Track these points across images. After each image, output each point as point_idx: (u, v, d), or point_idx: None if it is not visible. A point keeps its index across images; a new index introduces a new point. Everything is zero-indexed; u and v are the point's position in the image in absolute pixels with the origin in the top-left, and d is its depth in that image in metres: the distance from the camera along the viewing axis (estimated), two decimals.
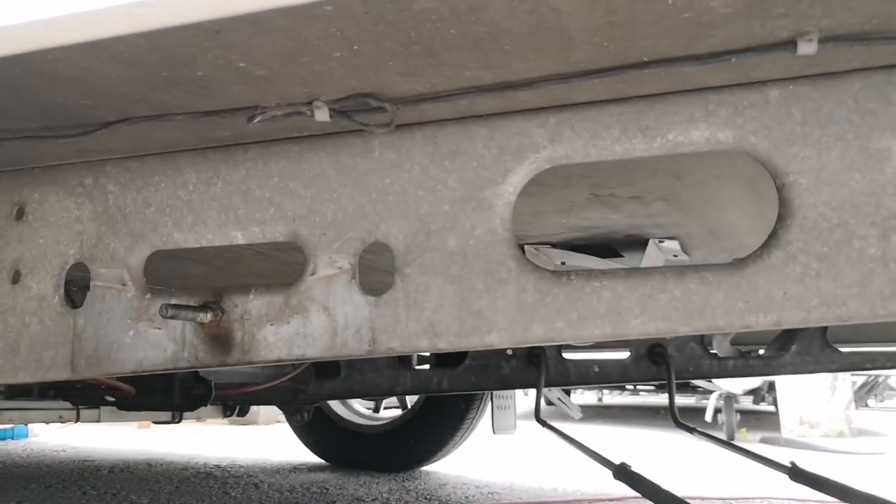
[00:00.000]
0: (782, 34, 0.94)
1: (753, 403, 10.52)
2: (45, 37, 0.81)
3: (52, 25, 0.79)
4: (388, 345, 1.22)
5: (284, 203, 1.31)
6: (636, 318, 1.12)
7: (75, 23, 0.79)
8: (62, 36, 0.81)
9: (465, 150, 1.23)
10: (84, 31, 0.80)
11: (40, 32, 0.80)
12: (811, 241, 1.06)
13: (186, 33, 0.84)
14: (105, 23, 0.77)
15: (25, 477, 3.80)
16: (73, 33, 0.80)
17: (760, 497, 3.84)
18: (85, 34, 0.80)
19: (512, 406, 4.20)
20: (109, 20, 0.76)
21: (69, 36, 0.81)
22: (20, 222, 1.47)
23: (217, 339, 1.33)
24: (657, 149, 1.14)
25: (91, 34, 0.80)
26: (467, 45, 0.96)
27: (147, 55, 0.96)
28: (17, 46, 0.82)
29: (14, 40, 0.82)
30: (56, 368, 1.41)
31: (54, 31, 0.79)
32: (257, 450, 5.56)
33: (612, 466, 2.29)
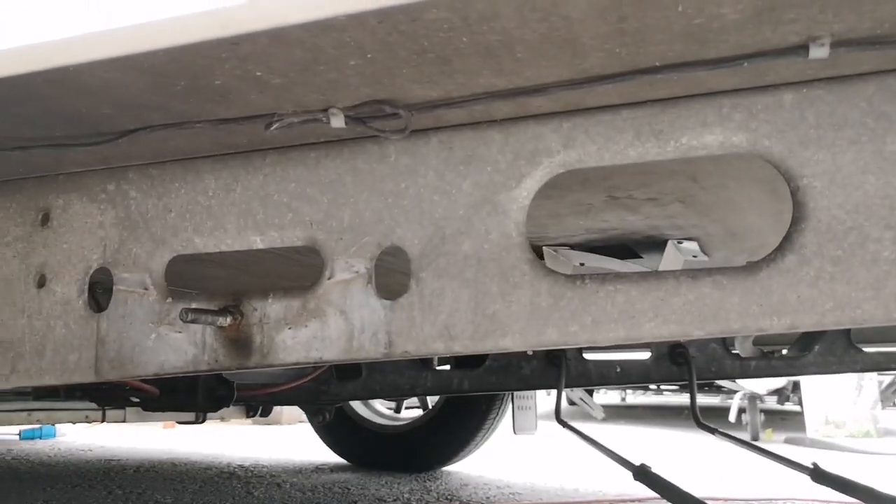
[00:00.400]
0: (794, 39, 0.94)
1: (778, 403, 10.45)
2: (70, 54, 0.83)
3: (73, 44, 0.81)
4: (404, 348, 1.24)
5: (302, 208, 1.33)
6: (650, 321, 1.12)
7: (99, 41, 0.81)
8: (86, 53, 0.83)
9: (479, 155, 1.24)
10: (107, 49, 0.82)
11: (66, 50, 0.82)
12: (825, 245, 1.06)
13: (205, 45, 0.86)
14: (128, 41, 0.79)
15: (53, 476, 3.86)
16: (96, 51, 0.82)
17: (783, 499, 3.82)
18: (107, 52, 0.82)
19: (533, 406, 4.20)
20: (132, 38, 0.78)
21: (92, 53, 0.83)
22: (45, 228, 1.50)
23: (236, 342, 1.35)
24: (671, 153, 1.14)
25: (113, 52, 0.82)
26: (480, 52, 0.97)
27: (166, 65, 0.98)
28: (44, 63, 0.85)
29: (41, 58, 0.85)
30: (80, 371, 1.44)
31: (77, 49, 0.81)
32: (280, 450, 5.60)
33: (632, 467, 2.29)
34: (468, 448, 4.30)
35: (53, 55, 0.83)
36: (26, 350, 1.47)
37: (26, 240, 1.51)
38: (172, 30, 0.76)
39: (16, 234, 1.52)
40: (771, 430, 8.17)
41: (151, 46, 0.81)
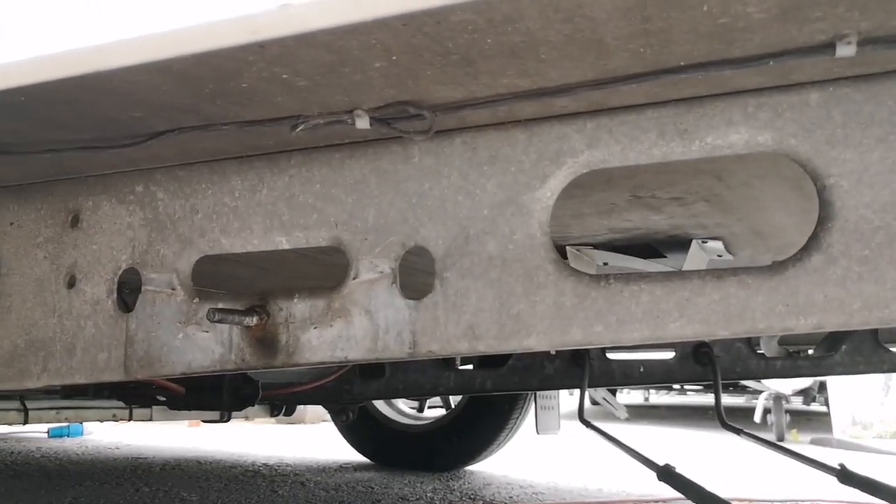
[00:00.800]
0: (820, 37, 0.93)
1: (804, 404, 10.35)
2: (105, 60, 0.85)
3: (107, 50, 0.82)
4: (429, 348, 1.24)
5: (327, 209, 1.34)
6: (675, 321, 1.12)
7: (133, 47, 0.82)
8: (120, 59, 0.85)
9: (503, 155, 1.24)
10: (141, 55, 0.83)
11: (97, 57, 0.83)
12: (852, 244, 1.05)
13: (233, 49, 0.87)
14: (161, 47, 0.81)
15: (81, 474, 3.91)
16: (129, 57, 0.84)
17: (810, 500, 3.79)
18: (141, 57, 0.84)
19: (556, 406, 4.20)
20: (166, 44, 0.80)
21: (125, 59, 0.85)
22: (75, 229, 1.52)
23: (263, 341, 1.36)
24: (695, 152, 1.14)
25: (147, 57, 0.84)
26: (504, 54, 0.98)
27: (194, 68, 0.99)
28: (76, 70, 0.86)
29: (73, 64, 0.86)
30: (110, 370, 1.46)
31: (111, 55, 0.83)
32: (304, 448, 5.64)
33: (656, 468, 2.29)
34: (491, 448, 4.30)
35: (89, 61, 0.85)
36: (57, 349, 1.50)
37: (57, 241, 1.54)
38: (205, 36, 0.77)
39: (46, 234, 1.55)
40: (796, 431, 8.10)
41: (184, 52, 0.82)
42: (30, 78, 0.91)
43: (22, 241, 1.57)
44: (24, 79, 0.92)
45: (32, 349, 1.52)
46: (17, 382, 1.53)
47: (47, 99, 1.11)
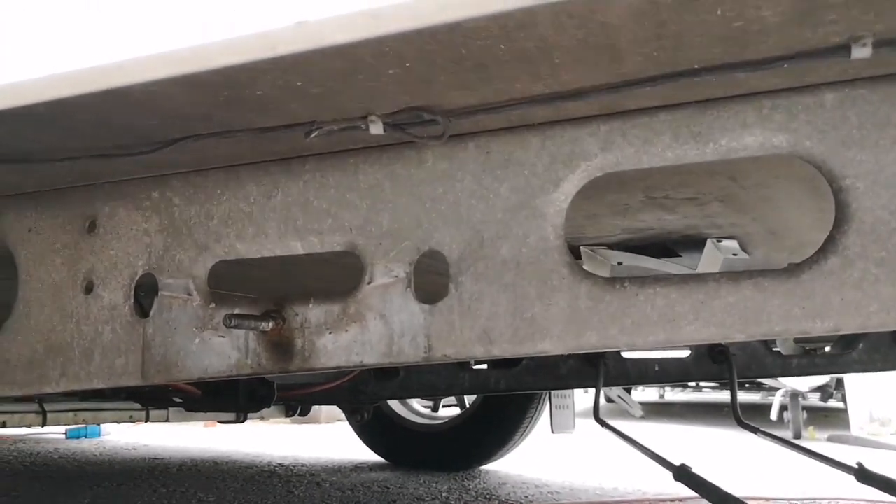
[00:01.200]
0: (835, 39, 0.93)
1: (821, 401, 10.28)
2: (124, 78, 0.86)
3: (129, 67, 0.83)
4: (444, 352, 1.25)
5: (341, 214, 1.35)
6: (690, 324, 1.12)
7: (156, 63, 0.83)
8: (142, 75, 0.86)
9: (517, 159, 1.24)
10: (163, 71, 0.84)
11: (119, 74, 0.84)
12: (869, 246, 1.05)
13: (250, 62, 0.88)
14: (183, 62, 0.82)
15: (99, 475, 3.94)
16: (150, 73, 0.85)
17: (828, 498, 3.77)
18: (163, 73, 0.85)
19: (571, 405, 4.19)
20: (188, 60, 0.81)
21: (146, 75, 0.86)
22: (92, 235, 1.53)
23: (278, 346, 1.37)
24: (709, 154, 1.14)
25: (169, 73, 0.85)
26: (517, 59, 0.98)
27: (209, 77, 1.00)
28: (98, 86, 0.88)
29: (95, 80, 0.87)
30: (128, 375, 1.47)
31: (133, 71, 0.84)
32: (319, 448, 5.66)
33: (672, 468, 2.28)
34: (506, 447, 4.31)
35: (112, 76, 0.86)
36: (75, 355, 1.51)
37: (74, 247, 1.55)
38: (225, 52, 0.78)
39: (64, 241, 1.56)
40: (813, 429, 8.05)
41: (205, 67, 0.83)
42: (53, 94, 0.93)
43: (40, 247, 1.58)
44: (47, 94, 0.93)
45: (51, 354, 1.53)
46: (36, 387, 1.55)
47: (67, 110, 1.12)
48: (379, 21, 0.69)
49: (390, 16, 0.69)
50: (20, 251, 1.60)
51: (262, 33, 0.73)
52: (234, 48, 0.76)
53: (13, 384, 1.56)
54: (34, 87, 0.93)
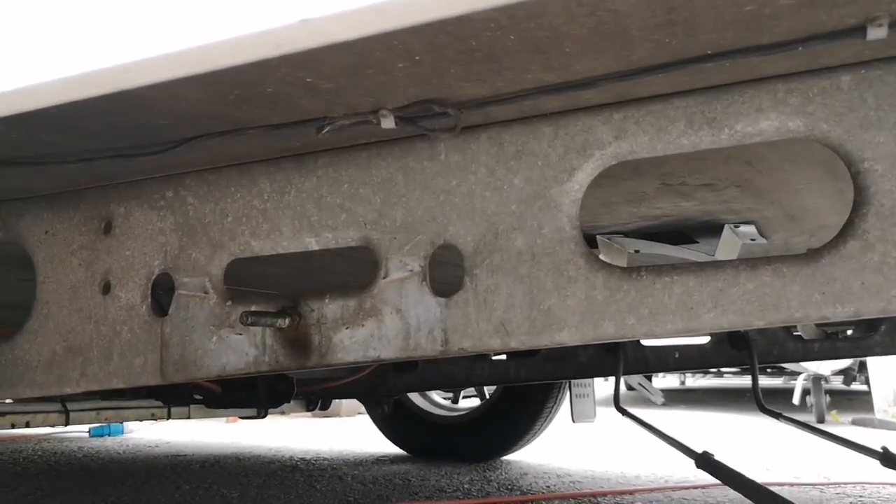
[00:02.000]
0: (850, 21, 0.91)
1: (843, 384, 10.21)
2: (136, 78, 0.86)
3: (136, 68, 0.83)
4: (460, 345, 1.24)
5: (355, 208, 1.34)
6: (708, 312, 1.11)
7: (163, 63, 0.83)
8: (151, 76, 0.86)
9: (530, 150, 1.23)
10: (170, 71, 0.85)
11: (127, 76, 0.85)
12: (889, 229, 1.03)
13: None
14: (190, 62, 0.82)
15: (122, 472, 3.97)
16: (159, 73, 0.85)
17: (853, 482, 3.74)
18: (171, 73, 0.85)
19: (591, 394, 4.19)
20: (194, 60, 0.81)
21: (155, 76, 0.86)
22: (108, 236, 1.54)
23: (295, 343, 1.37)
24: (725, 140, 1.12)
25: (177, 73, 0.85)
26: (528, 49, 0.97)
27: (220, 76, 1.00)
28: (108, 88, 0.88)
29: (105, 83, 0.88)
30: (147, 374, 1.48)
31: (142, 71, 0.84)
32: (340, 442, 5.68)
33: (694, 455, 2.27)
34: (527, 437, 4.31)
35: (121, 79, 0.86)
36: (94, 355, 1.52)
37: (90, 248, 1.56)
38: (231, 51, 0.78)
39: (80, 242, 1.57)
40: (836, 412, 7.99)
41: (213, 67, 0.83)
42: (65, 97, 0.93)
43: (57, 248, 1.59)
44: (59, 97, 0.94)
45: (70, 355, 1.54)
46: (56, 388, 1.56)
47: (79, 112, 1.12)
48: (384, 17, 0.68)
49: (397, 12, 0.69)
50: (37, 253, 1.61)
51: (265, 31, 0.73)
52: (238, 47, 0.76)
53: (33, 385, 1.57)
54: (44, 90, 0.93)
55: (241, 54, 0.78)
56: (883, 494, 3.45)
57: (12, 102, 0.98)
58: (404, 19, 0.70)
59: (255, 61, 0.79)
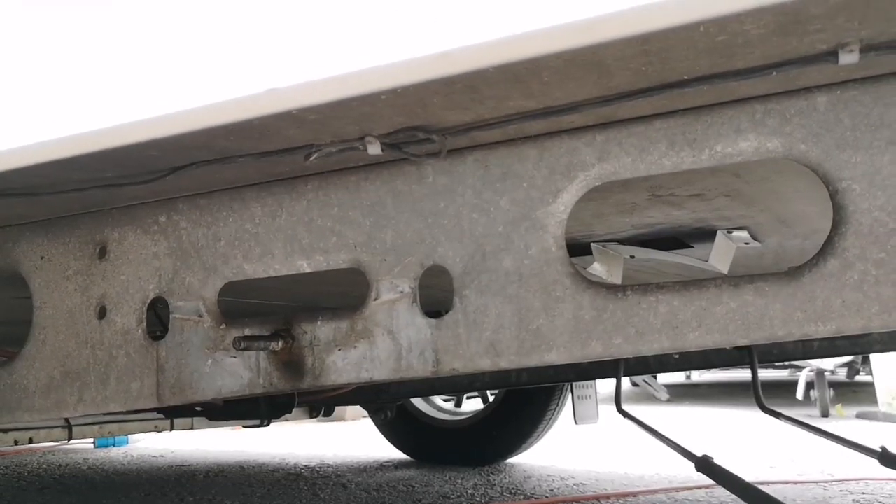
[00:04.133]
0: (822, 47, 0.93)
1: (847, 377, 10.20)
2: (123, 138, 0.89)
3: (124, 130, 0.87)
4: (452, 366, 1.26)
5: (345, 231, 1.36)
6: (693, 331, 1.13)
7: (143, 127, 0.87)
8: (134, 137, 0.89)
9: (515, 172, 1.25)
10: (151, 133, 0.88)
11: (119, 134, 0.88)
12: (868, 247, 1.05)
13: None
14: (166, 125, 0.85)
15: (127, 484, 3.99)
16: (141, 135, 0.89)
17: (857, 479, 3.75)
18: (151, 134, 0.88)
19: (593, 395, 4.20)
20: (167, 123, 0.84)
21: (138, 136, 0.89)
22: (103, 261, 1.56)
23: (289, 365, 1.39)
24: (706, 161, 1.14)
25: (155, 134, 0.88)
26: (507, 80, 0.99)
27: (193, 135, 1.02)
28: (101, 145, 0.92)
29: (97, 142, 0.91)
30: (143, 398, 1.50)
31: (128, 134, 0.88)
32: (344, 447, 5.70)
33: (694, 459, 2.29)
34: (530, 440, 4.32)
35: (112, 138, 0.89)
36: (91, 379, 1.54)
37: (86, 273, 1.58)
38: (205, 116, 0.80)
39: (76, 267, 1.59)
40: (841, 406, 7.98)
41: (188, 129, 0.86)
42: (58, 154, 0.97)
43: (52, 274, 1.61)
44: (53, 155, 0.97)
45: (68, 380, 1.56)
46: (54, 413, 1.58)
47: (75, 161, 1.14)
48: (345, 87, 0.70)
49: (366, 81, 0.71)
50: (34, 278, 1.63)
51: (236, 100, 0.75)
52: (213, 113, 0.78)
53: (32, 410, 1.59)
54: (38, 149, 0.96)
55: (215, 119, 0.80)
56: (886, 491, 3.46)
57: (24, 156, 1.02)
58: (368, 86, 0.72)
59: (227, 125, 0.81)
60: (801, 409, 7.32)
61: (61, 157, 0.99)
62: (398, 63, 0.79)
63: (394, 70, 0.78)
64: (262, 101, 0.71)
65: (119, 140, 0.88)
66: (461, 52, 0.76)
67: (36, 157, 0.98)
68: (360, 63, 0.92)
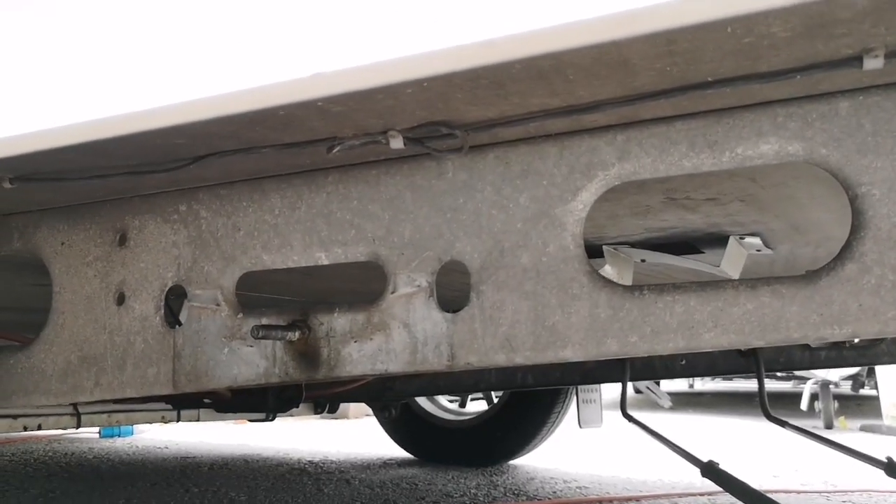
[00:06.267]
0: (847, 51, 0.94)
1: (852, 390, 10.17)
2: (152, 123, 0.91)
3: (156, 113, 0.88)
4: (466, 360, 1.27)
5: (364, 225, 1.37)
6: (709, 331, 1.13)
7: (186, 110, 0.89)
8: (173, 119, 0.91)
9: (535, 169, 1.26)
10: (197, 114, 0.90)
11: (148, 119, 0.89)
12: (886, 252, 1.05)
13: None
14: (208, 108, 0.87)
15: (132, 475, 4.01)
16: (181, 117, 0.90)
17: (859, 490, 3.75)
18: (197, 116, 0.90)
19: (598, 399, 4.21)
20: (216, 105, 0.85)
21: (181, 118, 0.91)
22: (123, 248, 1.58)
23: (305, 355, 1.40)
24: (726, 163, 1.15)
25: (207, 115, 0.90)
26: (532, 77, 1.00)
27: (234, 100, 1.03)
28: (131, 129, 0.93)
29: (126, 125, 0.93)
30: (159, 384, 1.51)
31: (166, 115, 0.89)
32: (348, 444, 5.71)
33: (699, 464, 2.29)
34: (534, 442, 4.33)
35: (142, 122, 0.91)
36: (108, 364, 1.55)
37: (106, 259, 1.59)
38: (251, 99, 0.82)
39: (96, 254, 1.60)
40: (844, 418, 7.96)
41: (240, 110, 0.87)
42: (90, 136, 0.98)
43: (73, 260, 1.63)
44: (84, 137, 0.99)
45: (85, 364, 1.57)
46: (71, 397, 1.59)
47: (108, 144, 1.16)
48: (389, 71, 0.71)
49: (398, 68, 0.72)
50: (54, 264, 1.64)
51: (283, 83, 0.77)
52: (256, 97, 0.80)
53: (48, 393, 1.61)
54: (71, 131, 0.98)
55: (259, 103, 0.81)
56: (889, 502, 3.46)
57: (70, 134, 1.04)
58: (411, 72, 0.74)
59: (268, 108, 0.82)
60: (804, 421, 7.30)
61: (90, 140, 1.00)
62: (426, 53, 0.80)
63: (422, 61, 0.79)
64: (306, 86, 0.72)
65: (147, 124, 0.90)
66: (491, 44, 0.78)
67: (68, 138, 1.00)
68: (386, 54, 0.93)
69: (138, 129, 1.00)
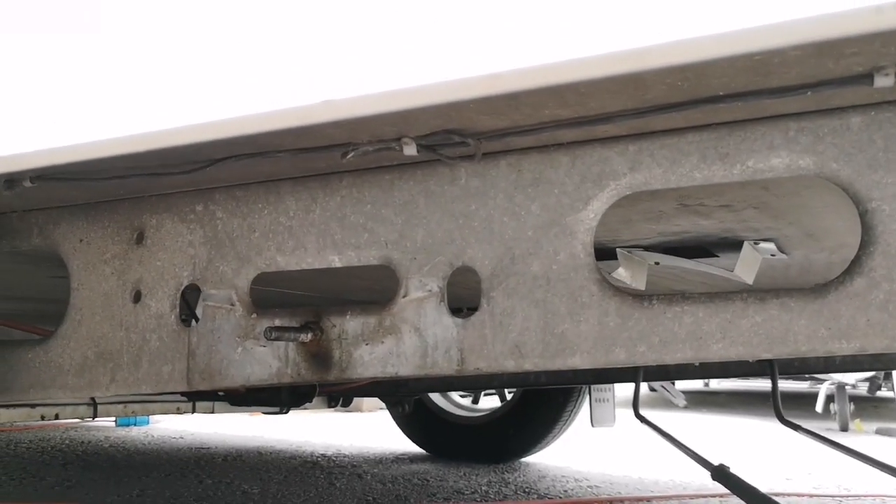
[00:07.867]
0: (858, 69, 0.94)
1: (868, 392, 10.10)
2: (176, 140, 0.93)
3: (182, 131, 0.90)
4: (476, 365, 1.28)
5: (377, 229, 1.39)
6: (717, 342, 1.14)
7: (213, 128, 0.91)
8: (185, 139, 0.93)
9: (547, 178, 1.27)
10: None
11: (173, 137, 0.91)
12: (895, 268, 1.06)
13: None
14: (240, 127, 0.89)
15: (147, 465, 4.06)
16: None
17: (873, 495, 3.74)
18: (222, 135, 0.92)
19: (611, 399, 4.21)
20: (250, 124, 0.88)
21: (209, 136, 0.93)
22: (140, 246, 1.60)
23: (317, 356, 1.42)
24: (737, 175, 1.15)
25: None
26: (545, 90, 1.01)
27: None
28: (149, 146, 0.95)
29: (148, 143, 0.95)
30: (174, 381, 1.53)
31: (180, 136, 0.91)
32: (361, 438, 5.74)
33: (710, 467, 2.30)
34: (546, 440, 4.34)
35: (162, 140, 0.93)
36: (124, 361, 1.58)
37: (123, 257, 1.62)
38: (267, 122, 0.84)
39: (113, 251, 1.63)
40: (860, 421, 7.91)
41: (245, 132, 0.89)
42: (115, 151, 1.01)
43: (91, 257, 1.65)
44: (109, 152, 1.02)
45: (101, 360, 1.60)
46: (87, 392, 1.62)
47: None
48: (402, 98, 0.73)
49: (415, 95, 0.74)
50: (72, 260, 1.67)
51: (292, 109, 0.78)
52: (274, 119, 0.82)
53: (65, 388, 1.64)
54: (99, 146, 1.01)
55: (276, 124, 0.83)
56: None
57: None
58: (419, 100, 0.75)
59: (282, 129, 0.84)
60: (819, 423, 7.27)
61: (126, 153, 1.03)
62: (443, 83, 0.82)
63: (438, 89, 0.80)
64: (321, 111, 0.74)
65: (173, 141, 0.91)
66: (507, 76, 0.79)
67: (104, 151, 1.03)
68: (400, 70, 0.94)
69: (162, 146, 1.02)
